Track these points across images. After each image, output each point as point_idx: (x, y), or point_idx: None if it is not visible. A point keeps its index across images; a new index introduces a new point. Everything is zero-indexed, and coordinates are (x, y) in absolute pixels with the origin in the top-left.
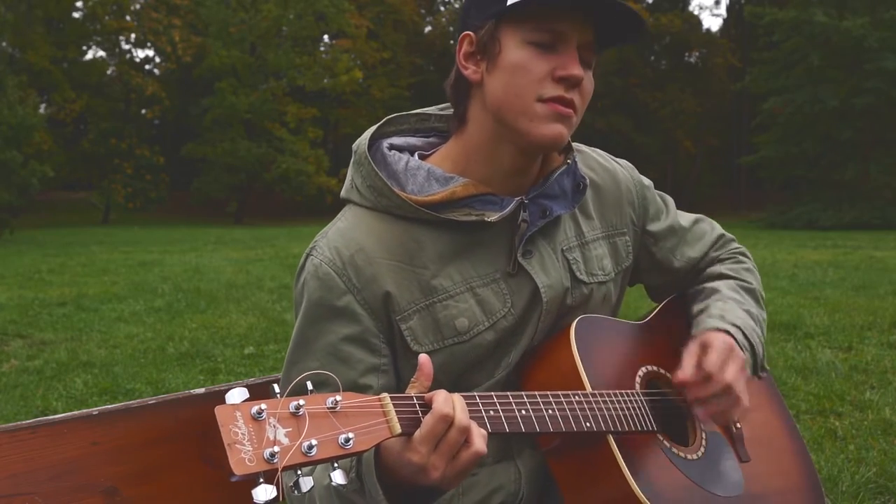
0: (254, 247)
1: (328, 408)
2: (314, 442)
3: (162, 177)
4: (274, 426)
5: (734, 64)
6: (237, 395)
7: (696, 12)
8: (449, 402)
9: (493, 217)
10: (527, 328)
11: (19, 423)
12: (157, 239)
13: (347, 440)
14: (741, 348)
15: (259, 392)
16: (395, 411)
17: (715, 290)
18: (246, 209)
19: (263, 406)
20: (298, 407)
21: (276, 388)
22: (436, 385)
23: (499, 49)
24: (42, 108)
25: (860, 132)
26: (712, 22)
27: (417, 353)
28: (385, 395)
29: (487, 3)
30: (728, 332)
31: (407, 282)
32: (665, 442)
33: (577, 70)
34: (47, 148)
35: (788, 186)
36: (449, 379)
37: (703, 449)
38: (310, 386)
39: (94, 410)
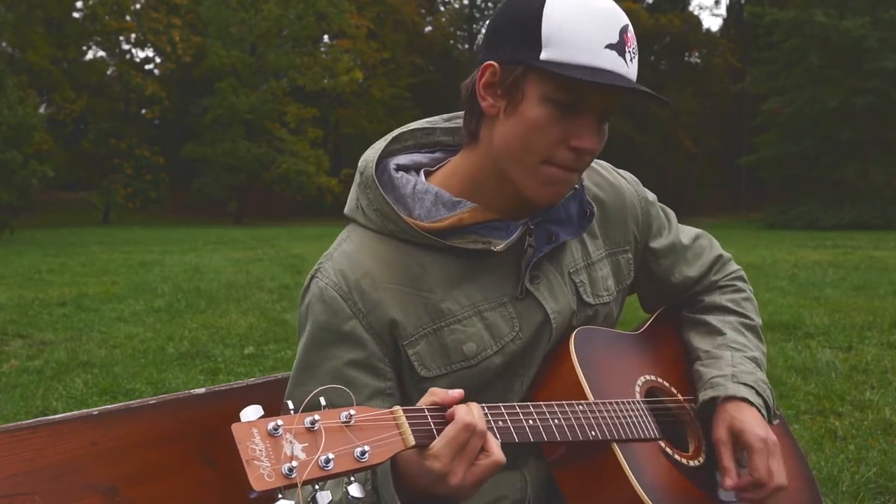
0: (254, 247)
1: (343, 422)
2: (331, 456)
3: (162, 177)
4: (290, 441)
5: (734, 64)
6: (252, 412)
7: (696, 12)
8: (471, 412)
9: (499, 246)
10: (536, 352)
11: (19, 423)
12: (157, 239)
13: (363, 453)
14: (757, 408)
15: (260, 392)
16: (409, 423)
17: (718, 332)
18: (246, 209)
19: (280, 422)
20: (314, 422)
21: (290, 404)
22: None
23: (521, 97)
24: (42, 108)
25: (860, 132)
26: (712, 22)
27: (425, 378)
28: (398, 408)
29: (522, 47)
30: (747, 400)
31: (413, 306)
32: (667, 449)
33: (592, 143)
34: (47, 148)
35: (788, 186)
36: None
37: (703, 455)
38: (323, 401)
39: (94, 410)
